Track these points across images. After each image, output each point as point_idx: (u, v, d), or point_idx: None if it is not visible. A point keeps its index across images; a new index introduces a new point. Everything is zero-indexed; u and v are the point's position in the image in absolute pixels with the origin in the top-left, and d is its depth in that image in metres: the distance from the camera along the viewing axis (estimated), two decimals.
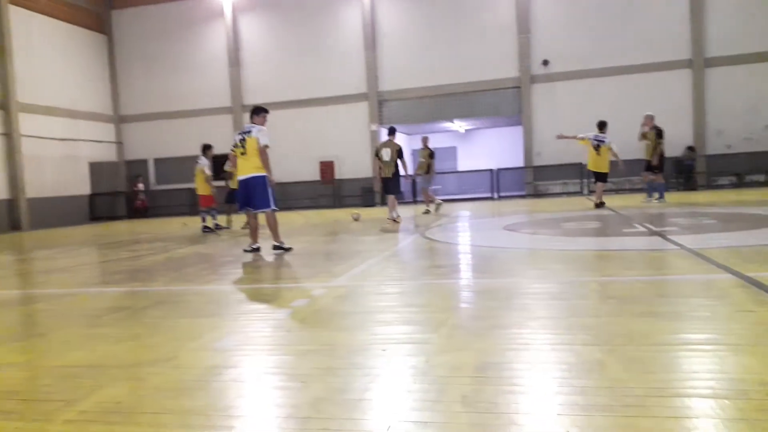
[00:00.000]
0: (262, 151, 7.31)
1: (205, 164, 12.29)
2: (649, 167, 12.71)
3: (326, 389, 2.46)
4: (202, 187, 12.34)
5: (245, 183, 7.46)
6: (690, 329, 3.08)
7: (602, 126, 12.54)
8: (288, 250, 7.56)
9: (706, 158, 18.73)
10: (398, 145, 11.46)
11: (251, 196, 7.43)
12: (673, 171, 18.87)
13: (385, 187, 11.57)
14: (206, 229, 12.27)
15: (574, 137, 12.96)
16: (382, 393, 2.42)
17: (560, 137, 13.58)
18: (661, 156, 12.57)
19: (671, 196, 15.42)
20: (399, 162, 11.31)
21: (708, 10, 18.61)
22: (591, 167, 12.73)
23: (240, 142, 7.44)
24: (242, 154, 7.41)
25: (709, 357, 2.63)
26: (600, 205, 12.38)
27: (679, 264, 5.10)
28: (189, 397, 2.47)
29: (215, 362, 2.96)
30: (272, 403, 2.40)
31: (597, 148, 12.37)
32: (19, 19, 19.23)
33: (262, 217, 7.70)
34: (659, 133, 12.52)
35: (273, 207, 7.48)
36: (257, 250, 7.64)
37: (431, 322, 3.51)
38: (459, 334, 3.22)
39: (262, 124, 7.56)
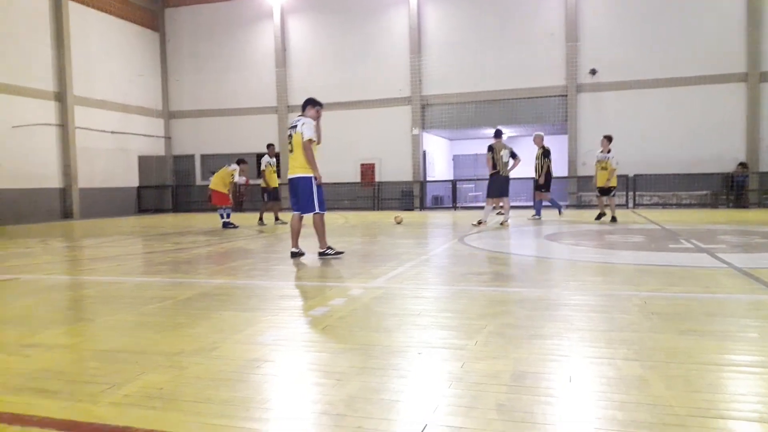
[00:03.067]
0: (306, 147, 6.76)
1: (236, 170, 12.85)
2: (537, 186, 13.25)
3: (361, 388, 2.49)
4: (221, 184, 12.73)
5: (291, 183, 7.01)
6: (737, 350, 2.99)
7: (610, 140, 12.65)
8: (337, 254, 7.02)
9: (759, 175, 18.08)
10: (510, 147, 11.96)
11: (297, 198, 6.99)
12: (723, 187, 18.30)
13: (504, 188, 11.84)
14: (228, 225, 12.72)
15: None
16: (417, 395, 2.43)
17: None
18: (548, 175, 13.01)
19: (720, 213, 14.95)
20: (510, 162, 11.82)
21: (766, 23, 17.98)
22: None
23: (288, 138, 7.04)
24: (290, 151, 6.95)
25: (756, 380, 2.55)
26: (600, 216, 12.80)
27: (726, 282, 4.94)
28: (228, 388, 2.53)
29: (255, 355, 3.02)
30: (308, 399, 2.43)
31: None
32: (77, 14, 19.95)
33: (308, 219, 7.19)
34: (546, 153, 13.01)
35: (318, 210, 6.93)
36: (297, 255, 7.17)
37: (468, 329, 3.49)
38: (496, 342, 3.20)
39: (314, 118, 6.95)
